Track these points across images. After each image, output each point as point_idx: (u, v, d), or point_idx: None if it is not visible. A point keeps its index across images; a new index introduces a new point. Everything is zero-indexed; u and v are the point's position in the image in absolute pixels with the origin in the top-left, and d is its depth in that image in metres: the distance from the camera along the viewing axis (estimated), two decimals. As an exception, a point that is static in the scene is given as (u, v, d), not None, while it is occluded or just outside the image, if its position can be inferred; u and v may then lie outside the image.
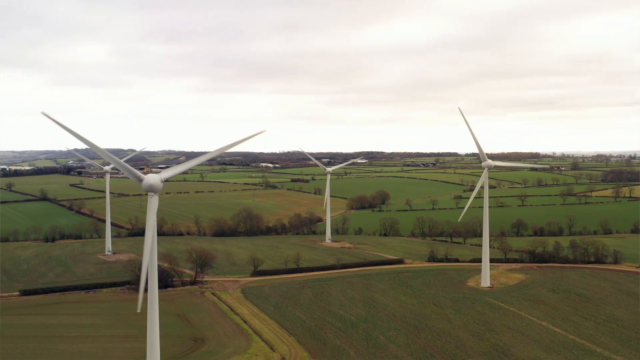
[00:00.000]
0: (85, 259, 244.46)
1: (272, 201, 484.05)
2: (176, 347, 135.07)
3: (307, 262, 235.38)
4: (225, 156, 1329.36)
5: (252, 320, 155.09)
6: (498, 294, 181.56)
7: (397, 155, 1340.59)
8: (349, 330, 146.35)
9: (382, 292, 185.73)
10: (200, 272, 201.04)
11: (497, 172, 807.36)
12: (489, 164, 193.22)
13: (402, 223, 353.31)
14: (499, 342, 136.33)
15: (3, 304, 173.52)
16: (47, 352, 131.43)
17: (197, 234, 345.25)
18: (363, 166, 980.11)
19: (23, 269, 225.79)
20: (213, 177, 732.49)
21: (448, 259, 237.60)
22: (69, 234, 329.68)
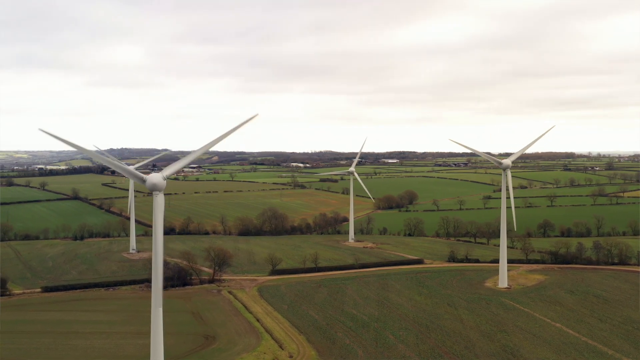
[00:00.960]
0: (109, 257, 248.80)
1: (300, 201, 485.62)
2: (187, 344, 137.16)
3: (327, 261, 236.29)
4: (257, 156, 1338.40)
5: (265, 319, 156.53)
6: (514, 295, 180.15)
7: (429, 155, 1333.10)
8: (360, 329, 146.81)
9: (398, 292, 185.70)
10: (219, 271, 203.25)
11: (529, 172, 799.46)
12: (507, 164, 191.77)
13: (428, 223, 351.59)
14: (509, 343, 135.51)
15: (25, 300, 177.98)
16: (61, 347, 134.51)
17: (222, 233, 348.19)
18: (393, 166, 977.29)
19: (48, 266, 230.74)
20: (243, 176, 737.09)
21: (468, 259, 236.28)
22: (97, 233, 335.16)
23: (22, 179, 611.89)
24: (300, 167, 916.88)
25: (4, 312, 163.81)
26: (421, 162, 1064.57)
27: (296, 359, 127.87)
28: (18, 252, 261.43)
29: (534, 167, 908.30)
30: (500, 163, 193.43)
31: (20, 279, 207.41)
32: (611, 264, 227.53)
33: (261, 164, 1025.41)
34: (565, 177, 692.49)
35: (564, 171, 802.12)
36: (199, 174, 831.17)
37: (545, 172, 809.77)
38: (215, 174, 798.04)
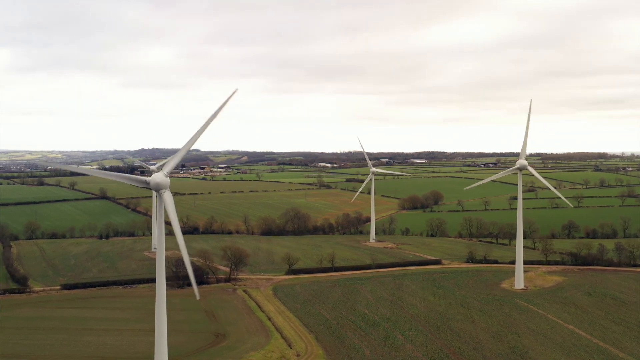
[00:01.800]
0: (130, 256, 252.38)
1: (324, 201, 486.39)
2: (197, 342, 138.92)
3: (345, 261, 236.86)
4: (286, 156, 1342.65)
5: (276, 318, 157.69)
6: (530, 296, 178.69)
7: (458, 156, 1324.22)
8: (370, 329, 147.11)
9: (412, 292, 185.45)
10: (235, 270, 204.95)
11: (559, 172, 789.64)
12: (523, 165, 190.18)
13: (451, 224, 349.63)
14: (518, 344, 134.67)
15: (44, 297, 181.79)
16: (74, 343, 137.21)
17: (245, 232, 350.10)
18: (421, 166, 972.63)
19: (70, 264, 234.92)
20: (270, 176, 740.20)
21: (487, 260, 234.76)
22: (122, 231, 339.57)
23: (53, 179, 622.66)
24: (327, 167, 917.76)
25: (23, 309, 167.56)
26: (449, 163, 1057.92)
27: (303, 357, 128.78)
28: (43, 250, 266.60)
29: (564, 168, 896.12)
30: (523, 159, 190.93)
31: (42, 276, 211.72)
32: (633, 265, 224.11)
33: (289, 164, 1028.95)
34: (595, 178, 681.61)
35: (595, 171, 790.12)
36: (226, 173, 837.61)
37: (575, 172, 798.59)
38: (243, 174, 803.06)
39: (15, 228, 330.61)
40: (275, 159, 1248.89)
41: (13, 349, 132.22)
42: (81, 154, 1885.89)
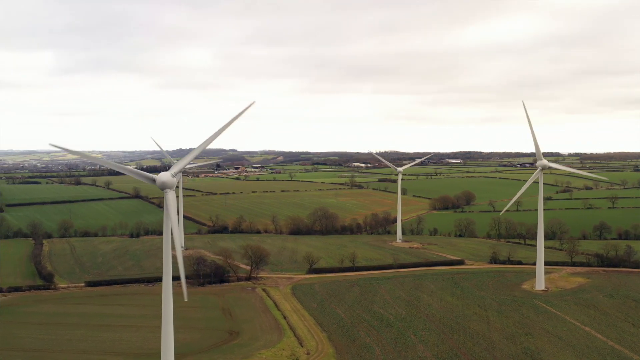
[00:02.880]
0: (156, 254, 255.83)
1: (355, 200, 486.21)
2: (211, 339, 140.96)
3: (367, 261, 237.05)
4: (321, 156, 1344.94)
5: (292, 316, 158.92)
6: (549, 298, 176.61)
7: (494, 155, 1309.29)
8: (383, 329, 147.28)
9: (431, 292, 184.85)
10: (256, 269, 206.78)
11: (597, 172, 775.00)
12: (544, 164, 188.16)
13: (480, 224, 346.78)
14: (531, 345, 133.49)
15: (68, 294, 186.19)
16: (91, 339, 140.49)
17: (273, 231, 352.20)
18: (456, 166, 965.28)
19: (98, 262, 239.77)
20: (302, 176, 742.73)
21: (510, 261, 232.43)
22: (153, 230, 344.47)
23: (89, 178, 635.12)
24: (361, 167, 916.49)
25: (46, 305, 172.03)
26: (485, 163, 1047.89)
27: (313, 355, 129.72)
28: (74, 248, 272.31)
29: (602, 168, 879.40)
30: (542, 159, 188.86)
31: (69, 273, 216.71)
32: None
33: (323, 164, 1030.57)
34: (634, 178, 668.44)
35: (634, 172, 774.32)
36: (260, 173, 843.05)
37: (614, 172, 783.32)
38: (276, 174, 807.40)
39: (49, 226, 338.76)
40: (311, 158, 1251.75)
41: (32, 344, 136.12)
42: (121, 153, 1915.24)
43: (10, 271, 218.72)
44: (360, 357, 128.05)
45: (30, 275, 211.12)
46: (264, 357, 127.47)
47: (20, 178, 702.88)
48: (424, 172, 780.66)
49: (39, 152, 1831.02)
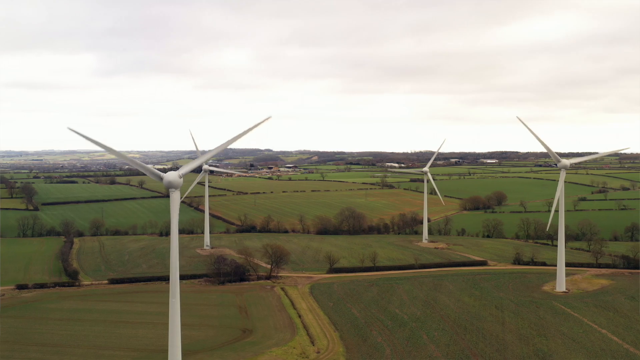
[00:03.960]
0: (182, 253, 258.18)
1: (385, 201, 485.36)
2: (224, 337, 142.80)
3: (389, 261, 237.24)
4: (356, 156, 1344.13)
5: (306, 315, 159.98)
6: (569, 299, 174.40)
7: (531, 155, 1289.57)
8: (396, 328, 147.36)
9: (449, 293, 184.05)
10: (276, 267, 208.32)
11: (635, 172, 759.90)
12: (564, 164, 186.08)
13: (509, 225, 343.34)
14: (544, 347, 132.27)
15: (90, 291, 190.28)
16: (108, 335, 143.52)
17: (301, 231, 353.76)
18: (491, 166, 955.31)
19: (124, 260, 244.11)
20: (334, 176, 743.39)
21: (534, 262, 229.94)
22: (182, 229, 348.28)
23: (124, 178, 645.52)
24: (394, 167, 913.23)
25: (69, 301, 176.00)
26: (521, 163, 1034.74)
27: (323, 354, 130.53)
28: (103, 246, 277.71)
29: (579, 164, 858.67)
30: (559, 161, 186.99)
31: (94, 271, 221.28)
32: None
33: (357, 163, 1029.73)
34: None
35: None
36: (293, 173, 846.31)
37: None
38: (309, 174, 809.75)
39: (82, 225, 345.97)
40: (345, 158, 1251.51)
41: (51, 339, 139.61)
42: (158, 154, 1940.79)
43: (39, 268, 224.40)
44: (369, 356, 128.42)
45: (56, 273, 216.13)
46: (274, 355, 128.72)
47: (58, 177, 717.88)
48: (456, 172, 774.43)
49: (78, 152, 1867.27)
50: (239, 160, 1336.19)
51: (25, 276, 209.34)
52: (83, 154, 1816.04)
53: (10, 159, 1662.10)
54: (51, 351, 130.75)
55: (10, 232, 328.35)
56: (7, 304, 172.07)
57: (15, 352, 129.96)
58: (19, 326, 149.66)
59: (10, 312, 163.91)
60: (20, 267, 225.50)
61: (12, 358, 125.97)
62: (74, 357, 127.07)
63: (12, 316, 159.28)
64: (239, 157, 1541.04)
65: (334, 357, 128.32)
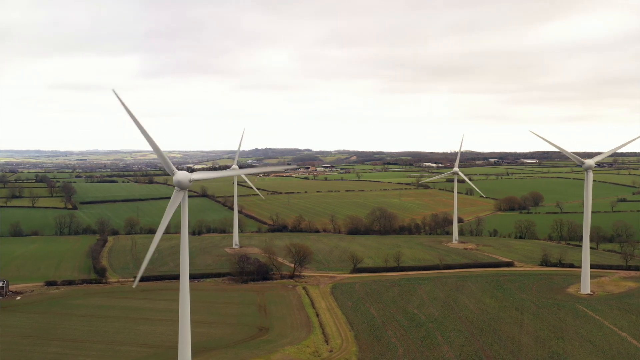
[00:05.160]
0: (210, 251, 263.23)
1: (419, 201, 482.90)
2: (240, 335, 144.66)
3: (415, 261, 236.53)
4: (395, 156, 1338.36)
5: (324, 315, 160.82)
6: (592, 302, 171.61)
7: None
8: (412, 329, 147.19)
9: (470, 294, 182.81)
10: (299, 267, 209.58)
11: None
12: (589, 165, 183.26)
13: (542, 226, 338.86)
14: (559, 349, 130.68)
15: (116, 288, 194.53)
16: (127, 331, 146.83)
17: (332, 231, 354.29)
18: (530, 166, 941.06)
19: (152, 258, 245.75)
20: (370, 176, 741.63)
21: (562, 263, 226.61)
22: (215, 228, 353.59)
23: (162, 177, 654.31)
24: (432, 167, 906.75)
25: (94, 298, 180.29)
26: (562, 163, 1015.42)
27: (335, 353, 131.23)
28: (135, 245, 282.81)
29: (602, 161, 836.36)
30: (582, 162, 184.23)
31: (122, 268, 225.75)
32: None
33: (394, 163, 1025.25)
34: None
35: None
36: (330, 173, 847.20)
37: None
38: (345, 174, 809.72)
39: (117, 223, 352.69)
40: (384, 158, 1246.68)
41: (72, 334, 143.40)
42: (199, 153, 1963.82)
43: (69, 265, 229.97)
44: (382, 356, 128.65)
45: (86, 270, 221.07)
46: (287, 353, 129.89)
47: (98, 177, 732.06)
48: (494, 172, 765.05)
49: (121, 152, 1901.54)
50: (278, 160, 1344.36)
51: (56, 273, 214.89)
52: (126, 153, 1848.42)
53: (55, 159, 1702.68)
54: (71, 346, 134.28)
55: (48, 230, 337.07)
56: (35, 300, 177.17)
57: (37, 346, 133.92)
58: (43, 321, 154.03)
59: (37, 307, 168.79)
60: (52, 265, 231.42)
61: (33, 352, 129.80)
62: (92, 352, 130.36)
63: (37, 312, 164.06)
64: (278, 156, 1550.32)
65: (346, 356, 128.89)
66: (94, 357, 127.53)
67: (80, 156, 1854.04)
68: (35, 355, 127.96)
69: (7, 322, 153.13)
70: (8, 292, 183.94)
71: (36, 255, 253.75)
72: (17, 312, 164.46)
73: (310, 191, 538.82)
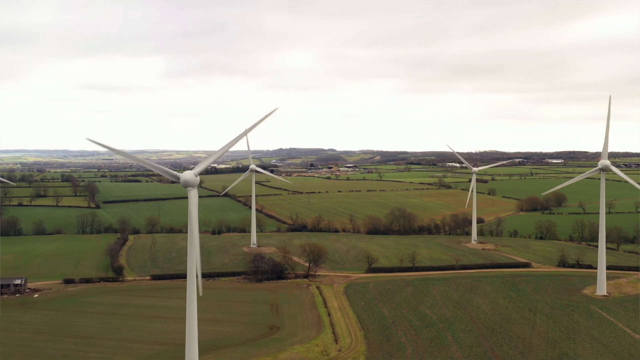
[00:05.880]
0: (228, 250, 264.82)
1: (440, 201, 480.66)
2: (250, 333, 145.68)
3: (431, 261, 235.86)
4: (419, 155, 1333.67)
5: (336, 314, 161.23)
6: (607, 303, 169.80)
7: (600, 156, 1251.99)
8: (422, 329, 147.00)
9: (484, 294, 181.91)
10: (313, 266, 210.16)
11: None
12: (605, 165, 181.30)
13: (563, 226, 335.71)
14: (570, 351, 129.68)
15: (132, 286, 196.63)
16: (140, 328, 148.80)
17: (351, 231, 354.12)
18: (556, 166, 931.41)
19: (171, 257, 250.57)
20: (392, 176, 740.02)
21: (580, 264, 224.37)
22: (235, 227, 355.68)
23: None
24: (455, 167, 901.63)
25: (110, 296, 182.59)
26: (588, 163, 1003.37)
27: (344, 352, 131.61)
28: (154, 244, 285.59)
29: None
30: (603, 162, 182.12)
31: (140, 267, 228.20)
32: None
33: (417, 163, 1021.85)
34: None
35: None
36: (352, 173, 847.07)
37: None
38: (368, 174, 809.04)
39: (138, 222, 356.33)
40: (408, 158, 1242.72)
41: (85, 331, 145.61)
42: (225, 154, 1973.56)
43: (88, 264, 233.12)
44: (390, 356, 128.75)
45: (104, 268, 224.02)
46: (296, 352, 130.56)
47: (123, 177, 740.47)
48: (518, 172, 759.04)
49: (147, 152, 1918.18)
50: (302, 160, 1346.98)
51: (74, 271, 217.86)
52: (151, 153, 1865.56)
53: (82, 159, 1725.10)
54: (83, 343, 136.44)
55: (70, 229, 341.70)
56: (52, 298, 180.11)
57: (50, 343, 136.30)
58: (58, 319, 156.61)
59: (54, 305, 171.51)
60: (72, 263, 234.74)
61: (46, 349, 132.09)
62: (104, 349, 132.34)
63: (54, 309, 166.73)
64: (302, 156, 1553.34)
65: (354, 356, 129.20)
66: (105, 354, 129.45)
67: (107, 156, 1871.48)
68: (48, 351, 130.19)
69: (24, 319, 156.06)
70: (26, 289, 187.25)
71: (57, 253, 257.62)
72: (34, 309, 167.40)
73: (332, 191, 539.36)
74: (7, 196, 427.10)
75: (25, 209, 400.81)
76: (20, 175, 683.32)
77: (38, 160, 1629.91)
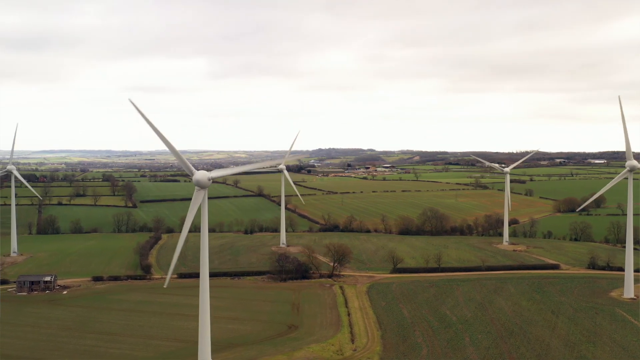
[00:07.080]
0: (257, 250, 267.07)
1: (476, 201, 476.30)
2: (268, 332, 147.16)
3: (459, 262, 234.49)
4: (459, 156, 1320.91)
5: (355, 314, 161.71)
6: (634, 306, 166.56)
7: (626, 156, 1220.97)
8: (440, 329, 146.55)
9: (508, 296, 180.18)
10: (338, 266, 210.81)
11: None
12: (633, 165, 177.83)
13: (600, 228, 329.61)
14: (588, 354, 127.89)
15: (159, 284, 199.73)
16: (161, 326, 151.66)
17: (383, 231, 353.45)
18: (598, 167, 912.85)
19: (198, 255, 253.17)
20: (429, 176, 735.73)
21: (610, 267, 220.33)
22: (267, 227, 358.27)
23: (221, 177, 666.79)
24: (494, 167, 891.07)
25: (135, 293, 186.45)
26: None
27: (359, 352, 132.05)
28: (186, 242, 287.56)
29: None
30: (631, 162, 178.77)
31: (168, 265, 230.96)
32: None
33: (456, 164, 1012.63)
34: None
35: None
36: (389, 173, 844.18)
37: None
38: (404, 174, 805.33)
39: (173, 222, 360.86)
40: (447, 158, 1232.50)
41: (107, 328, 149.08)
42: (263, 153, 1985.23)
43: (119, 262, 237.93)
44: (404, 356, 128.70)
45: (133, 266, 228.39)
46: (311, 351, 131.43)
47: (162, 176, 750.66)
48: (557, 172, 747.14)
49: (188, 152, 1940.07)
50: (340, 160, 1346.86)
51: (105, 269, 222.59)
52: (192, 153, 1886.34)
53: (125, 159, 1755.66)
54: (105, 339, 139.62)
55: (106, 227, 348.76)
56: (80, 294, 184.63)
57: (73, 338, 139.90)
58: (84, 315, 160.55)
59: (80, 301, 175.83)
60: (104, 261, 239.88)
61: (68, 344, 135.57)
62: (124, 345, 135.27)
63: (80, 305, 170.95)
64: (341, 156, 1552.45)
65: (369, 356, 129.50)
66: (124, 350, 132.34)
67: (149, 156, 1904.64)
68: (70, 347, 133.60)
69: (51, 315, 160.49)
70: (56, 286, 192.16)
71: (90, 251, 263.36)
72: (62, 305, 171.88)
73: (366, 191, 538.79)
74: (48, 195, 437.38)
75: (65, 208, 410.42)
76: (63, 175, 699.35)
77: (82, 160, 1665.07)
